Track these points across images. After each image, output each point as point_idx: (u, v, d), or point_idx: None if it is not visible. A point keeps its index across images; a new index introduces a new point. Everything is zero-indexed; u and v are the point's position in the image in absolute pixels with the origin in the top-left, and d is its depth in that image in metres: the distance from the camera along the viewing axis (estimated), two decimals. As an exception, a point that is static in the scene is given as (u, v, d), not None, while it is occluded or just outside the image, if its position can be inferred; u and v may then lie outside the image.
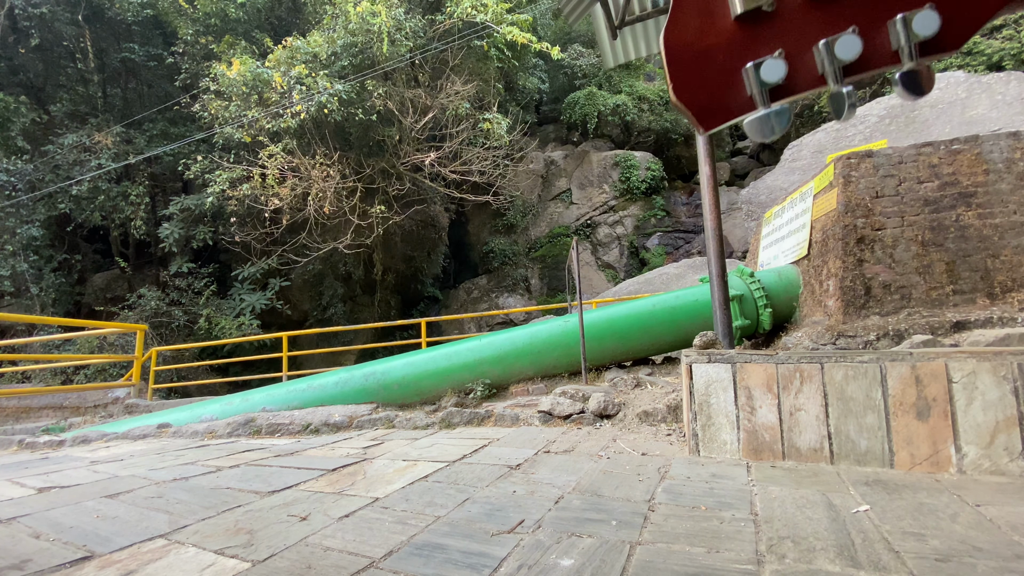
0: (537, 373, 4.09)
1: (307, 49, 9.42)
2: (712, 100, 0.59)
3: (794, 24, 0.56)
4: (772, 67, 0.55)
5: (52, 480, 2.36)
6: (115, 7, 11.10)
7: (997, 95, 6.30)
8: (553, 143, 16.40)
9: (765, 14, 0.56)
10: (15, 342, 8.30)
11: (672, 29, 0.59)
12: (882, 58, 0.54)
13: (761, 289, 3.74)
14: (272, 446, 2.98)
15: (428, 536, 1.44)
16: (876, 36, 0.54)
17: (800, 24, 0.56)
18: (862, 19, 0.54)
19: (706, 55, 0.58)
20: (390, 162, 10.65)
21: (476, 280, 14.15)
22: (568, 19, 4.46)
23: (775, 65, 0.55)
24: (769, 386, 2.12)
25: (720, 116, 0.60)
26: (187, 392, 9.40)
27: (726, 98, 0.58)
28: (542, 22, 14.28)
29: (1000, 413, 1.80)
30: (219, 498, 1.92)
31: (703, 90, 0.58)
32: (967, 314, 2.85)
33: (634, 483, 1.86)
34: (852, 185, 3.27)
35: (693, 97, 0.59)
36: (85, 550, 1.46)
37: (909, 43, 0.52)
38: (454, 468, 2.17)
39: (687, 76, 0.59)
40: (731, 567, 1.19)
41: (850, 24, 0.54)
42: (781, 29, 0.56)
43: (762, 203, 8.38)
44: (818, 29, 0.55)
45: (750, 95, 0.57)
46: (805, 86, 0.57)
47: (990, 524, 1.39)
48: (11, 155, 10.70)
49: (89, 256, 12.52)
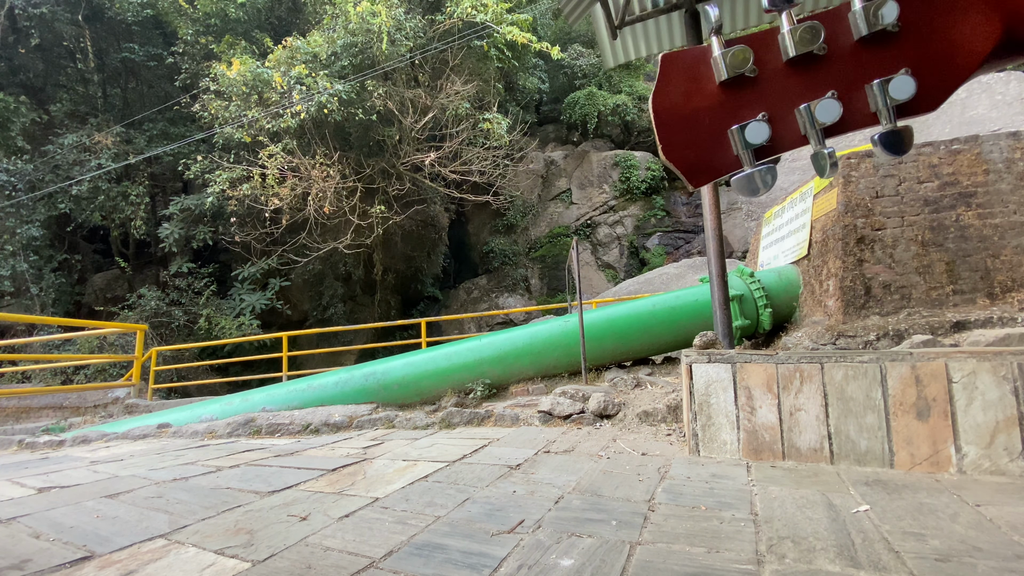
0: (537, 373, 4.09)
1: (307, 49, 9.42)
2: (700, 159, 0.62)
3: (775, 89, 0.59)
4: (756, 129, 0.58)
5: (52, 480, 2.35)
6: (115, 7, 11.10)
7: (997, 95, 6.30)
8: (553, 143, 16.40)
9: (748, 79, 0.59)
10: (15, 342, 8.30)
11: (660, 93, 0.62)
12: (861, 120, 0.58)
13: (761, 289, 3.74)
14: (272, 446, 2.98)
15: (428, 536, 1.44)
16: (854, 99, 0.57)
17: (781, 89, 0.59)
18: (840, 84, 0.57)
19: (693, 118, 0.61)
20: (390, 162, 10.65)
21: (476, 280, 14.15)
22: (568, 19, 4.46)
23: (759, 128, 0.58)
24: (769, 386, 2.12)
25: (708, 174, 0.63)
26: (187, 392, 9.40)
27: (713, 158, 0.61)
28: (542, 22, 14.28)
29: (1000, 413, 1.80)
30: (219, 498, 1.92)
31: (691, 150, 0.61)
32: (967, 314, 2.85)
33: (634, 483, 1.86)
34: (852, 185, 3.27)
35: (682, 157, 0.62)
36: (85, 550, 1.46)
37: (887, 106, 0.55)
38: (454, 468, 2.17)
39: (675, 137, 0.62)
40: (731, 567, 1.19)
41: (829, 89, 0.57)
42: (764, 93, 0.60)
43: (762, 203, 8.38)
44: (799, 93, 0.58)
45: (736, 155, 0.60)
46: (788, 145, 0.60)
47: (990, 524, 1.39)
48: (11, 155, 10.70)
49: (89, 256, 12.53)
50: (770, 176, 0.56)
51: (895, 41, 0.55)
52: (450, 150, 10.25)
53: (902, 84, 0.53)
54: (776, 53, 0.58)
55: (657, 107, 0.60)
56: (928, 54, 0.55)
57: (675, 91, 0.59)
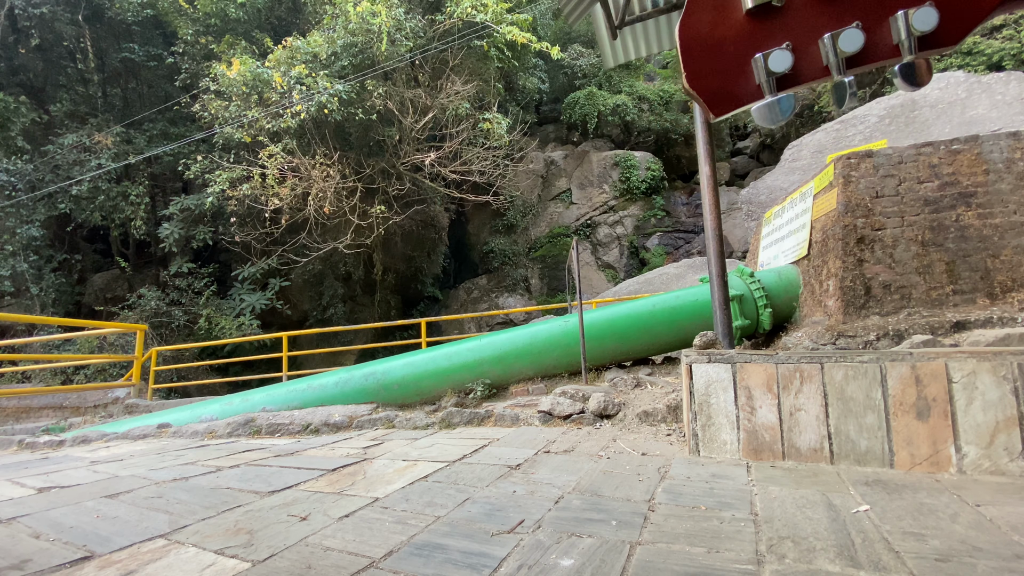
0: (537, 373, 4.09)
1: (307, 49, 9.42)
2: (723, 88, 0.62)
3: (801, 18, 0.60)
4: (780, 58, 0.59)
5: (52, 480, 2.35)
6: (115, 7, 11.10)
7: (997, 95, 6.30)
8: (553, 143, 16.40)
9: (774, 9, 0.60)
10: (15, 342, 8.30)
11: (687, 21, 0.63)
12: (883, 51, 0.58)
13: (761, 289, 3.74)
14: (272, 446, 2.98)
15: (428, 536, 1.44)
16: (878, 31, 0.58)
17: (807, 18, 0.59)
18: (865, 15, 0.58)
19: (718, 46, 0.62)
20: (390, 162, 10.65)
21: (476, 280, 14.15)
22: (568, 19, 4.46)
23: (782, 56, 0.59)
24: (769, 386, 2.12)
25: (730, 103, 0.63)
26: (187, 392, 9.40)
27: (736, 86, 0.62)
28: (542, 22, 14.27)
29: (1000, 413, 1.80)
30: (219, 498, 1.92)
31: (714, 79, 0.62)
32: (967, 314, 2.85)
33: (634, 483, 1.86)
34: (852, 185, 3.27)
35: (705, 85, 0.63)
36: (85, 550, 1.46)
37: (909, 38, 0.55)
38: (454, 468, 2.17)
39: (700, 65, 0.63)
40: (731, 567, 1.19)
41: (854, 19, 0.58)
42: (789, 23, 0.60)
43: (762, 203, 8.38)
44: (824, 23, 0.59)
45: (758, 84, 0.61)
46: (810, 76, 0.61)
47: (990, 524, 1.39)
48: (11, 155, 10.70)
49: (89, 256, 12.53)
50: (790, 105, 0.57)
51: None
52: (450, 150, 10.25)
53: (925, 15, 0.54)
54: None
55: (683, 35, 0.60)
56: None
57: (702, 20, 0.59)
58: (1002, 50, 8.70)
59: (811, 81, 0.59)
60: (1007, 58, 8.66)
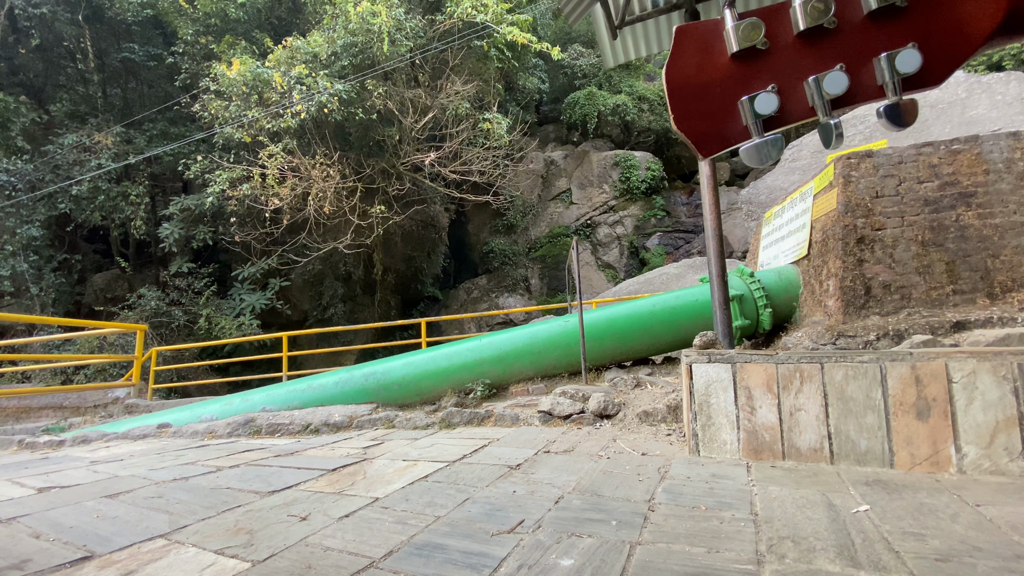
0: (537, 373, 4.09)
1: (307, 49, 9.42)
2: (710, 130, 0.63)
3: (786, 61, 0.61)
4: (765, 100, 0.60)
5: (52, 480, 2.35)
6: (115, 7, 11.10)
7: (997, 95, 6.30)
8: (553, 143, 16.40)
9: (759, 52, 0.61)
10: (15, 342, 8.30)
11: (673, 64, 0.64)
12: (868, 92, 0.59)
13: (761, 289, 3.74)
14: (272, 446, 2.98)
15: (428, 536, 1.44)
16: (862, 72, 0.59)
17: (792, 61, 0.61)
18: (849, 57, 0.59)
19: (705, 89, 0.63)
20: (390, 162, 10.66)
21: (476, 280, 14.15)
22: (568, 19, 4.46)
23: (768, 99, 0.60)
24: (769, 386, 2.12)
25: (718, 144, 0.64)
26: (187, 392, 9.40)
27: (723, 128, 0.63)
28: (542, 22, 14.28)
29: (1000, 413, 1.80)
30: (219, 498, 1.92)
31: (702, 121, 0.63)
32: (967, 314, 2.85)
33: (634, 483, 1.86)
34: (852, 185, 3.27)
35: (693, 127, 0.63)
36: (85, 550, 1.46)
37: (894, 79, 0.56)
38: (454, 468, 2.17)
39: (687, 108, 0.64)
40: (731, 567, 1.19)
41: (838, 62, 0.59)
42: (774, 65, 0.61)
43: (762, 203, 8.38)
44: (808, 66, 0.60)
45: (745, 125, 0.61)
46: (796, 117, 0.62)
47: (990, 524, 1.39)
48: (11, 155, 10.70)
49: (89, 256, 12.53)
50: (776, 147, 0.57)
51: (903, 15, 0.56)
52: (450, 150, 10.25)
53: (909, 57, 0.54)
54: (787, 26, 0.59)
55: (670, 78, 0.61)
56: (935, 29, 0.56)
57: (688, 63, 0.60)
58: (1002, 50, 8.70)
59: (798, 121, 0.61)
60: (1007, 58, 8.67)
